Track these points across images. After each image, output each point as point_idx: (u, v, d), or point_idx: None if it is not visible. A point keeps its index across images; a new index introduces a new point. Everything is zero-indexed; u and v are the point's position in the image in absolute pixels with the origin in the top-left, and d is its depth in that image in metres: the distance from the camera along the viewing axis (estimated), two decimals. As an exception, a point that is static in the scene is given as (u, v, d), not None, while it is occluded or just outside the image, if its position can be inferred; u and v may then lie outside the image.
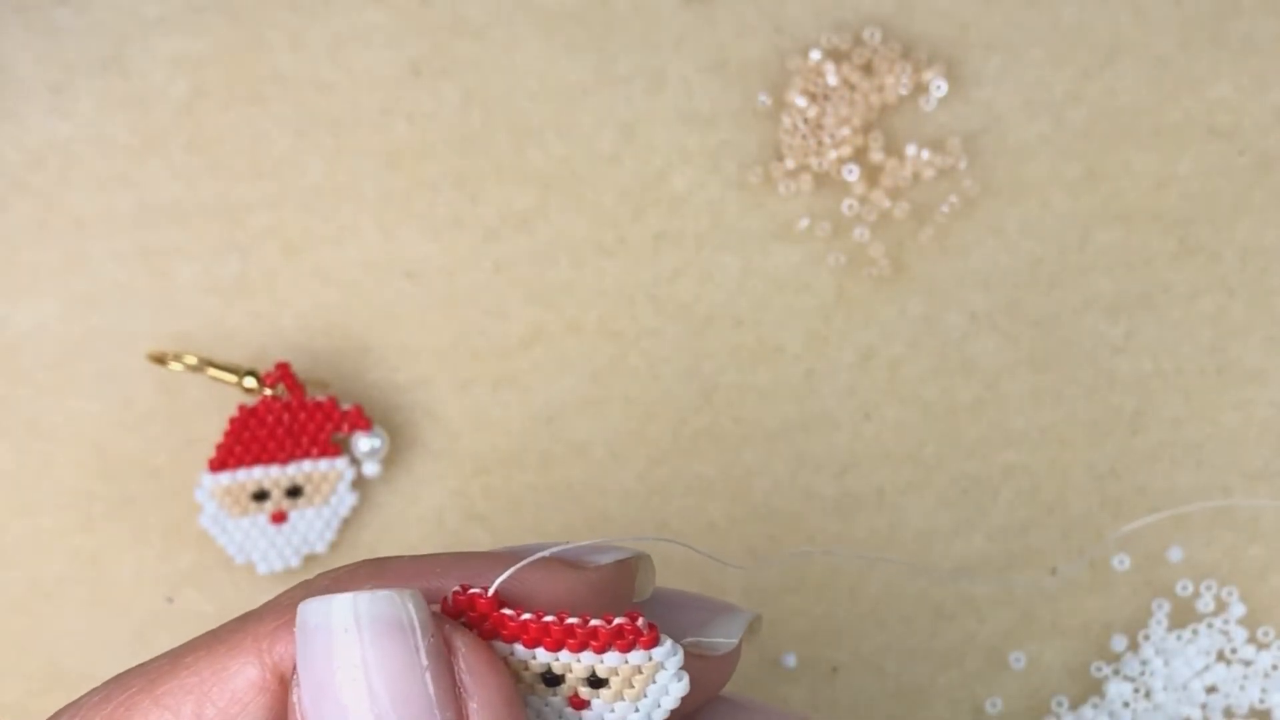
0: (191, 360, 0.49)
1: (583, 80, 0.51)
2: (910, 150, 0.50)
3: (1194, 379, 0.50)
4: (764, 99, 0.51)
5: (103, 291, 0.50)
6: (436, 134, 0.50)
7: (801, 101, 0.50)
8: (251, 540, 0.49)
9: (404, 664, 0.28)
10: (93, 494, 0.49)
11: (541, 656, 0.29)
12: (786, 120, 0.50)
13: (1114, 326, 0.50)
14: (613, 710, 0.30)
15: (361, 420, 0.49)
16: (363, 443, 0.49)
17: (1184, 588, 0.49)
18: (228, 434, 0.48)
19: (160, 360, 0.49)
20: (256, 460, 0.48)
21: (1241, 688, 0.49)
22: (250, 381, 0.48)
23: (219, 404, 0.49)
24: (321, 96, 0.50)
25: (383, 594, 0.28)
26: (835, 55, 0.50)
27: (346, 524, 0.50)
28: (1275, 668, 0.49)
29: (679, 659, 0.29)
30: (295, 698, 0.29)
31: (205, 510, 0.48)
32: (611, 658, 0.29)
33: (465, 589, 0.29)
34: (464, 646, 0.29)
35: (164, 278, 0.50)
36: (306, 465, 0.48)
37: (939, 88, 0.50)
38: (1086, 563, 0.49)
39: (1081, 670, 0.49)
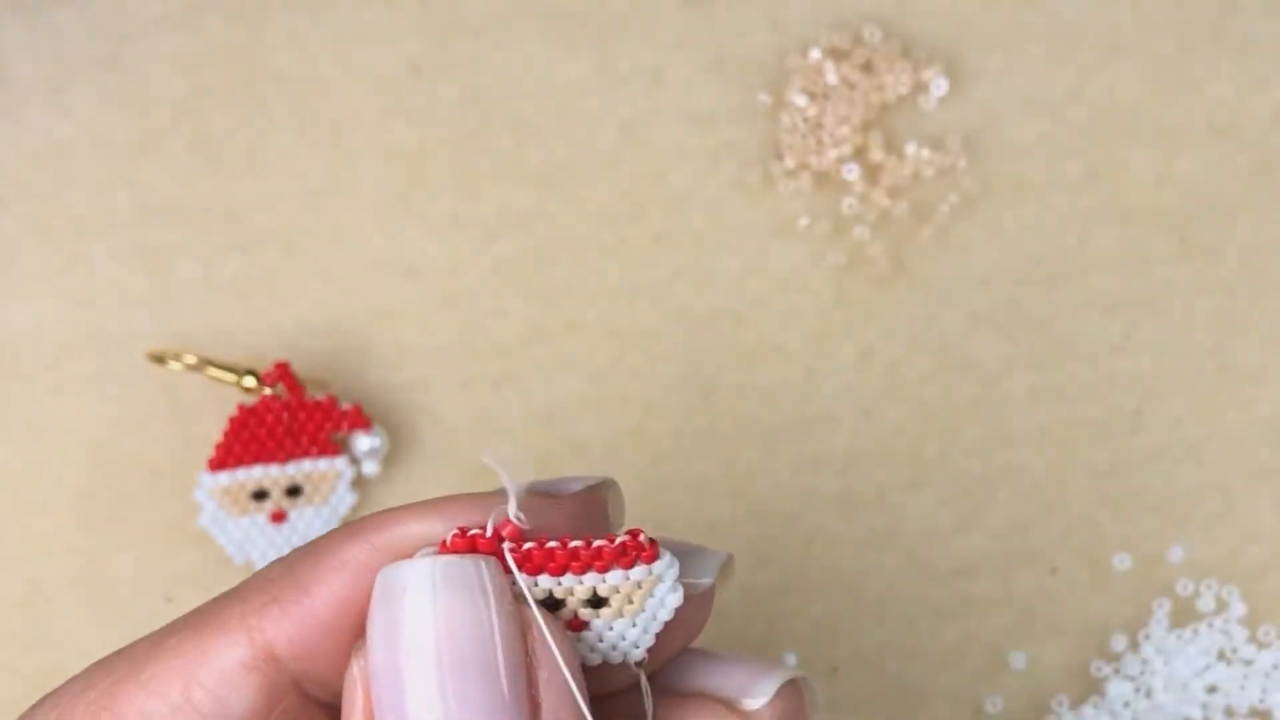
0: (191, 360, 0.49)
1: (583, 80, 0.51)
2: (910, 149, 0.50)
3: (1194, 379, 0.50)
4: (764, 98, 0.50)
5: (103, 291, 0.50)
6: (436, 134, 0.50)
7: (801, 100, 0.50)
8: (251, 540, 0.49)
9: (476, 629, 0.28)
10: (92, 494, 0.49)
11: (544, 583, 0.29)
12: (786, 119, 0.50)
13: (1114, 326, 0.50)
14: (611, 628, 0.30)
15: (361, 420, 0.49)
16: (362, 442, 0.49)
17: (1184, 587, 0.49)
18: (227, 433, 0.48)
19: (160, 360, 0.49)
20: (256, 460, 0.48)
21: (1242, 687, 0.48)
22: (250, 381, 0.48)
23: (218, 403, 0.49)
24: (321, 96, 0.50)
25: (460, 559, 0.29)
26: (835, 54, 0.50)
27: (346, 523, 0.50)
28: (1276, 667, 0.49)
29: (676, 570, 0.30)
30: (359, 666, 0.29)
31: (204, 510, 0.48)
32: (614, 576, 0.29)
33: (464, 531, 0.29)
34: (535, 615, 0.29)
35: (164, 278, 0.50)
36: (306, 465, 0.48)
37: (939, 86, 0.50)
38: (1086, 562, 0.49)
39: (1081, 670, 0.49)
